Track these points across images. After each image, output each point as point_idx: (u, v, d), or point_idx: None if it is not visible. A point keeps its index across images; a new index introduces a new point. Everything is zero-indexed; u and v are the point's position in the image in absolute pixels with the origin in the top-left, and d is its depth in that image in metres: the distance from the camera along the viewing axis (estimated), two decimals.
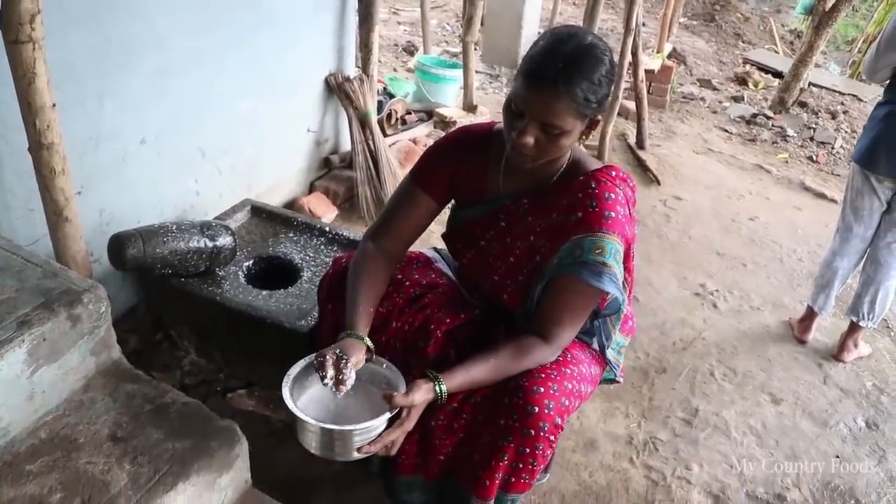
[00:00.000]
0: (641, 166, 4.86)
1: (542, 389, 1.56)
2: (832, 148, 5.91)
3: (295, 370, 1.58)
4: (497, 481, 1.63)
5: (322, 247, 2.41)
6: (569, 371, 1.63)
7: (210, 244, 2.17)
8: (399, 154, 3.80)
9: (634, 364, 2.78)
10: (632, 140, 5.26)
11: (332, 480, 2.05)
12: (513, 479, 1.63)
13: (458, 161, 1.74)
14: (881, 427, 2.60)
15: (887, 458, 2.45)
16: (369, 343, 1.60)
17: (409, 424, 1.52)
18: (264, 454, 2.11)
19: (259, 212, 2.68)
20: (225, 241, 2.22)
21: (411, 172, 1.78)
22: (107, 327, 1.80)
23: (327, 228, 2.56)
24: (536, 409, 1.53)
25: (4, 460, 1.57)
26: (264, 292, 2.19)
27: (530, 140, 1.48)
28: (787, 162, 5.55)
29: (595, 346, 1.79)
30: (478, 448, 1.64)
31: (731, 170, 5.16)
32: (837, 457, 2.42)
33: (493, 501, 1.68)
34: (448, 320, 1.74)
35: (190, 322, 2.29)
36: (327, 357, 1.51)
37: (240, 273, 2.26)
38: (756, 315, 3.24)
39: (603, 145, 4.77)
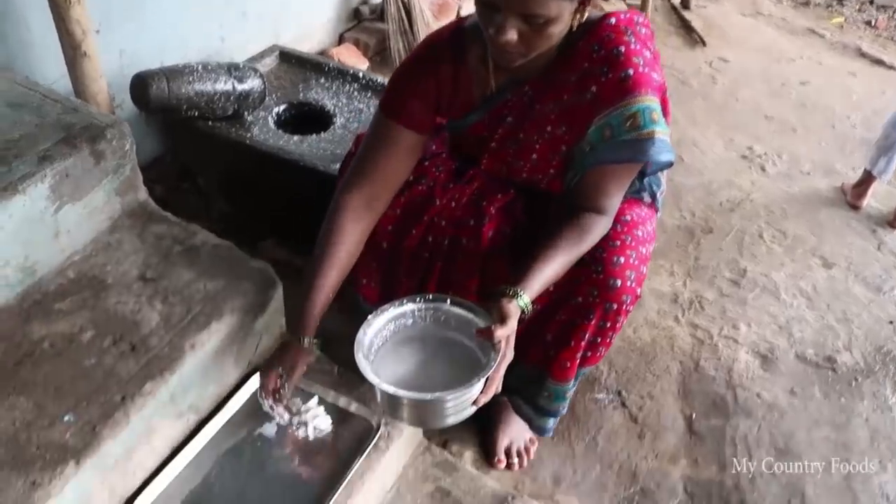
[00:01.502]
0: (686, 27, 4.56)
1: (622, 259, 1.44)
2: (893, 13, 5.51)
3: (368, 332, 1.37)
4: (577, 361, 1.55)
5: (355, 93, 2.26)
6: (640, 234, 1.51)
7: (238, 86, 2.03)
8: (433, 6, 3.56)
9: (679, 223, 2.66)
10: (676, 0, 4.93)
11: None
12: (589, 354, 1.55)
13: (433, 79, 1.48)
14: None
15: None
16: (315, 349, 1.48)
17: (510, 354, 1.30)
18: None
19: (288, 57, 2.51)
20: (254, 83, 2.08)
21: (381, 106, 1.51)
22: (132, 167, 1.70)
23: (360, 74, 2.39)
24: (619, 282, 1.42)
25: (34, 299, 1.50)
26: (296, 137, 2.07)
27: (513, 36, 1.24)
28: (842, 27, 5.19)
29: (647, 198, 1.66)
30: (551, 327, 1.54)
31: (780, 33, 4.82)
32: (891, 322, 2.32)
33: (569, 385, 1.61)
34: (500, 195, 1.57)
35: (218, 169, 2.19)
36: (269, 388, 1.46)
37: (269, 118, 2.13)
38: (806, 180, 3.08)
39: (646, 4, 4.47)
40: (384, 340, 1.40)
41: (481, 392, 1.28)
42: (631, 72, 1.33)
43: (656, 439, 1.92)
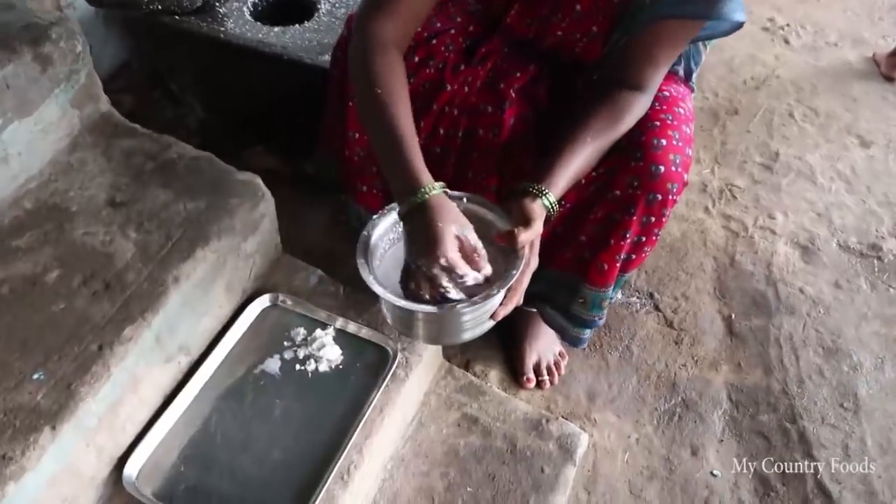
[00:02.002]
0: None
1: (665, 142, 1.21)
2: None
3: (373, 234, 1.14)
4: (618, 264, 1.35)
5: None
6: (681, 111, 1.28)
7: None
8: None
9: (702, 105, 2.43)
10: None
11: None
12: (633, 256, 1.35)
13: None
14: None
15: None
16: (444, 186, 1.10)
17: (535, 262, 1.13)
18: (292, 218, 1.84)
19: None
20: None
21: None
22: (87, 72, 1.45)
23: None
24: (662, 168, 1.20)
25: None
26: (276, 29, 1.80)
27: None
28: None
29: (682, 72, 1.43)
30: (585, 227, 1.33)
31: None
32: None
33: (608, 291, 1.41)
34: (518, 74, 1.32)
35: (191, 71, 1.93)
36: (453, 247, 1.03)
37: (244, 9, 1.85)
38: (834, 51, 2.82)
39: None
40: (391, 243, 1.19)
41: (501, 304, 1.10)
42: None
43: (695, 344, 1.76)
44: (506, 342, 1.69)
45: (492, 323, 1.13)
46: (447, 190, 1.11)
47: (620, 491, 1.51)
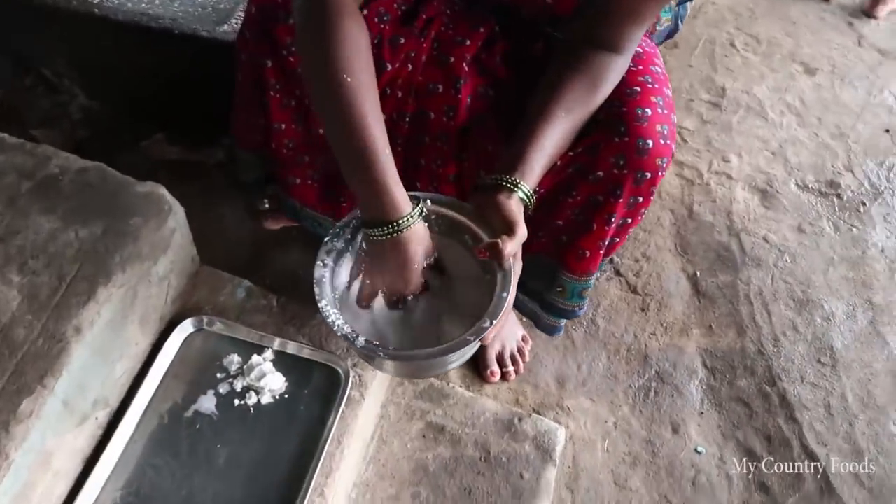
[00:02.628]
0: None
1: (650, 111, 1.03)
2: None
3: (328, 263, 0.96)
4: (601, 250, 1.17)
5: None
6: (658, 70, 1.11)
7: None
8: None
9: None
10: None
11: (303, 241, 1.61)
12: (616, 240, 1.18)
13: None
14: None
15: None
16: (421, 211, 0.96)
17: (520, 266, 0.97)
18: (206, 215, 1.62)
19: None
20: None
21: None
22: None
23: None
24: (650, 142, 1.02)
25: None
26: None
27: None
28: None
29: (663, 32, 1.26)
30: (562, 211, 1.15)
31: None
32: (887, 130, 2.06)
33: (590, 280, 1.25)
34: (468, 42, 1.12)
35: (65, 53, 1.63)
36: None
37: None
38: None
39: None
40: (352, 259, 1.01)
41: (493, 324, 0.93)
42: None
43: (662, 309, 1.65)
44: None
45: (477, 346, 0.97)
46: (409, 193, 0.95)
47: (605, 483, 1.40)
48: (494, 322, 0.90)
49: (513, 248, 0.91)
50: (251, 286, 1.35)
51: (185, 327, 1.25)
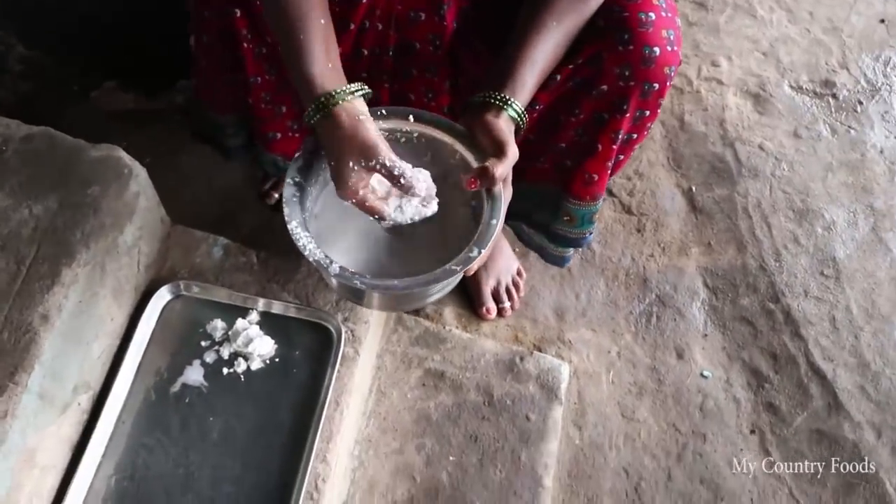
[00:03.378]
0: None
1: (653, 15, 0.94)
2: None
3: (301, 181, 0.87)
4: (607, 171, 1.10)
5: None
6: None
7: None
8: None
9: None
10: None
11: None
12: (621, 157, 1.10)
13: None
14: None
15: None
16: (361, 93, 0.86)
17: (510, 191, 0.91)
18: (170, 167, 1.51)
19: None
20: None
21: None
22: None
23: None
24: (657, 50, 0.93)
25: None
26: None
27: None
28: None
29: None
30: (564, 132, 1.06)
31: None
32: (882, 21, 1.96)
33: (598, 203, 1.17)
34: None
35: None
36: (356, 187, 0.82)
37: None
38: None
39: None
40: (324, 185, 0.94)
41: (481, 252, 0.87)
42: None
43: (659, 229, 1.59)
44: None
45: (460, 277, 0.91)
46: (385, 108, 0.89)
47: (612, 417, 1.37)
48: (482, 251, 0.83)
49: (503, 170, 0.85)
50: (228, 243, 1.26)
51: (162, 295, 1.17)
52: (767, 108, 1.76)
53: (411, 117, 0.90)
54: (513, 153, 0.86)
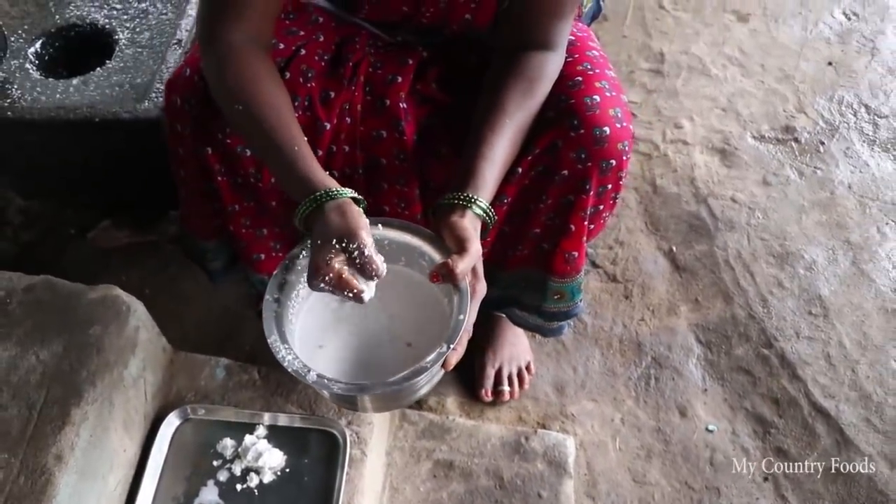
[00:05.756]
0: None
1: (598, 98, 1.01)
2: None
3: (280, 295, 0.91)
4: (584, 246, 1.16)
5: None
6: (596, 54, 1.10)
7: None
8: None
9: None
10: None
11: None
12: (592, 226, 1.15)
13: None
14: (861, 13, 2.21)
15: (878, 48, 2.10)
16: (356, 195, 0.91)
17: (483, 287, 0.93)
18: (169, 294, 1.58)
19: None
20: None
21: None
22: None
23: None
24: (607, 129, 1.00)
25: None
26: (75, 80, 1.47)
27: None
28: None
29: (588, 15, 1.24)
30: (536, 219, 1.13)
31: None
32: (830, 63, 2.05)
33: (582, 274, 1.22)
34: (399, 79, 1.09)
35: None
36: (332, 264, 0.83)
37: (28, 66, 1.50)
38: None
39: None
40: (305, 298, 0.97)
41: (451, 348, 0.89)
42: None
43: (646, 292, 1.63)
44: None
45: (442, 373, 0.95)
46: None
47: (623, 483, 1.38)
48: (452, 345, 0.87)
49: (465, 266, 0.88)
50: (230, 363, 1.31)
51: (171, 421, 1.22)
52: (734, 161, 1.83)
53: (380, 226, 0.94)
54: (474, 249, 0.89)
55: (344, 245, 0.84)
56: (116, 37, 1.56)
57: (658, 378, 1.51)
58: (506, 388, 1.47)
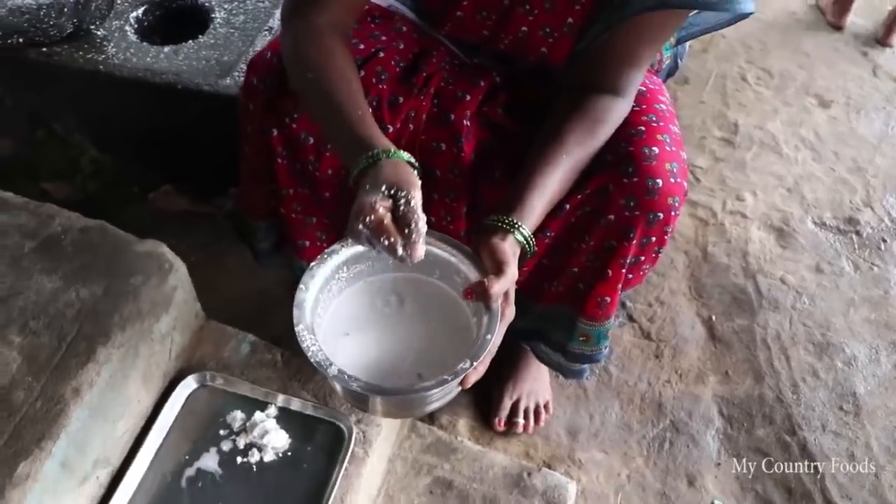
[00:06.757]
0: None
1: (657, 150, 1.02)
2: None
3: (312, 289, 0.93)
4: (618, 293, 1.16)
5: None
6: (664, 108, 1.10)
7: None
8: None
9: None
10: None
11: None
12: (630, 276, 1.16)
13: None
14: None
15: None
16: (413, 160, 0.91)
17: (511, 313, 0.93)
18: (213, 265, 1.62)
19: None
20: None
21: None
22: None
23: None
24: (660, 182, 1.01)
25: None
26: (167, 48, 1.54)
27: None
28: None
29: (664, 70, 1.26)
30: (576, 258, 1.13)
31: None
32: None
33: (611, 321, 1.22)
34: (468, 97, 1.11)
35: (75, 108, 1.65)
36: (377, 207, 0.83)
37: (127, 28, 1.59)
38: (777, 1, 2.66)
39: None
40: (336, 295, 0.99)
41: (473, 366, 0.90)
42: None
43: (676, 356, 1.61)
44: (481, 380, 1.50)
45: (459, 390, 0.95)
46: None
47: None
48: (475, 363, 0.87)
49: (500, 288, 0.88)
50: (256, 340, 1.34)
51: (188, 384, 1.25)
52: (790, 243, 1.80)
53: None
54: (511, 273, 0.90)
55: (393, 192, 0.84)
56: (213, 15, 1.63)
57: (673, 442, 1.48)
58: (520, 420, 1.47)
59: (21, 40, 1.44)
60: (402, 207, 0.83)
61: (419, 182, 0.87)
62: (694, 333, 1.65)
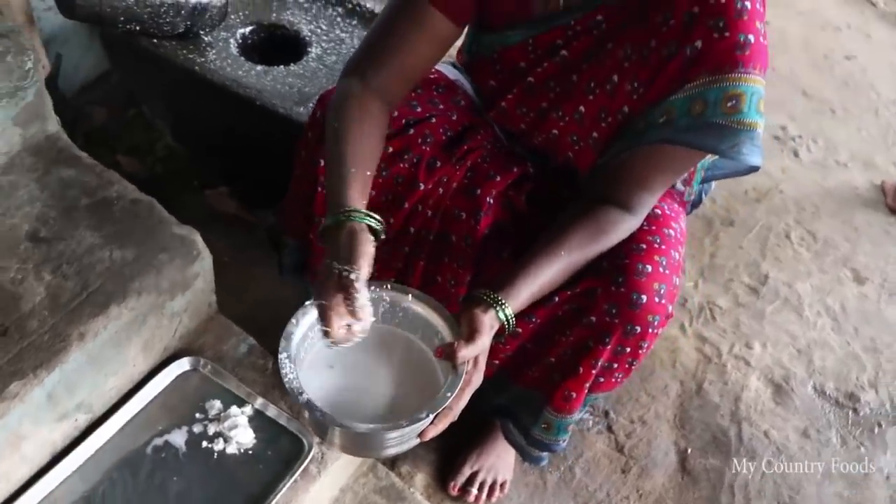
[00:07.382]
0: None
1: (650, 268, 1.10)
2: None
3: (302, 323, 1.02)
4: (585, 391, 1.23)
5: (338, 19, 1.88)
6: (671, 234, 1.18)
7: None
8: None
9: (697, 210, 2.33)
10: None
11: None
12: (601, 380, 1.23)
13: None
14: None
15: None
16: (374, 223, 1.01)
17: (478, 379, 1.02)
18: (243, 270, 1.74)
19: None
20: None
21: None
22: (37, 91, 1.36)
23: None
24: (644, 298, 1.09)
25: None
26: (259, 67, 1.71)
27: None
28: None
29: (680, 187, 1.33)
30: (555, 348, 1.21)
31: None
32: None
33: (574, 416, 1.29)
34: (499, 178, 1.22)
35: (164, 97, 1.83)
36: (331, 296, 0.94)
37: (231, 41, 1.76)
38: (843, 172, 2.73)
39: None
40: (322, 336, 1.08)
41: (432, 423, 0.99)
42: (752, 38, 0.98)
43: (642, 476, 1.64)
44: (449, 442, 1.55)
45: (417, 440, 1.02)
46: (398, 284, 1.05)
47: None
48: (430, 415, 0.95)
49: (468, 353, 0.97)
50: (254, 344, 1.44)
51: (182, 364, 1.35)
52: (785, 401, 1.83)
53: (410, 296, 1.05)
54: (481, 343, 0.98)
55: (343, 272, 0.93)
56: (309, 49, 1.80)
57: None
58: (474, 490, 1.51)
59: (138, 28, 1.61)
60: (348, 288, 0.93)
61: (372, 251, 0.97)
62: (666, 460, 1.67)
